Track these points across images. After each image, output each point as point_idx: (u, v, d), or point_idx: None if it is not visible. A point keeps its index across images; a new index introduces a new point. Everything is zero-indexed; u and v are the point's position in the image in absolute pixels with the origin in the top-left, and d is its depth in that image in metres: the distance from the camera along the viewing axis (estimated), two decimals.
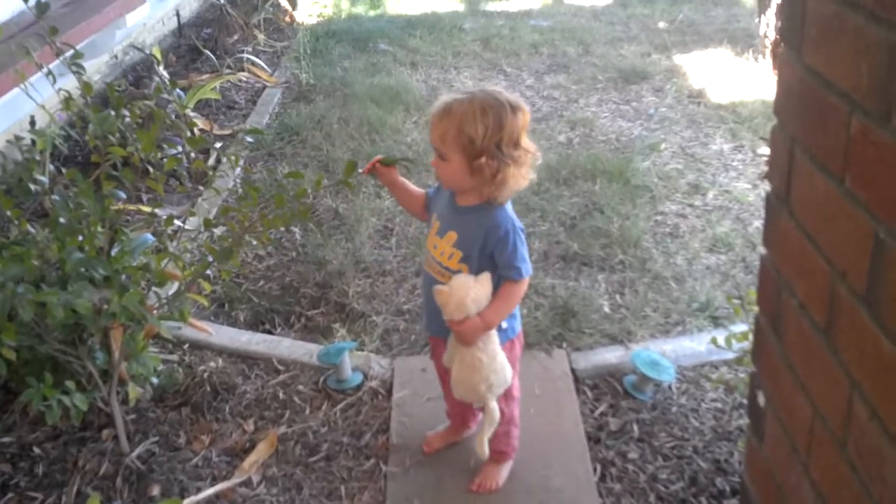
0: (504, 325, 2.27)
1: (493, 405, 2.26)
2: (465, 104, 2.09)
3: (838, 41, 1.21)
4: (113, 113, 2.49)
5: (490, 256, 2.17)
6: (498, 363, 2.23)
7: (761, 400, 1.62)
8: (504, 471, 2.54)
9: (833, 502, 1.33)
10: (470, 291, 2.14)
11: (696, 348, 3.03)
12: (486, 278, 2.16)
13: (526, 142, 2.13)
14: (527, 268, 2.17)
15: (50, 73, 2.66)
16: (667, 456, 2.62)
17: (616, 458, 2.61)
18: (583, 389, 2.90)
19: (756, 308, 1.63)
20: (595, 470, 2.56)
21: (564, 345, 3.11)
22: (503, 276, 2.19)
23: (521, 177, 2.15)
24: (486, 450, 2.31)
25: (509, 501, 2.46)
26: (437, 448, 2.64)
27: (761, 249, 1.58)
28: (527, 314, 3.24)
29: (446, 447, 2.65)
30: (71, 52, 2.56)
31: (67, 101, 2.62)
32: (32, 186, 2.66)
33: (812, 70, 1.30)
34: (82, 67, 2.58)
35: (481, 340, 2.20)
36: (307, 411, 2.86)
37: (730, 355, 2.63)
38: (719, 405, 2.82)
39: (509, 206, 2.21)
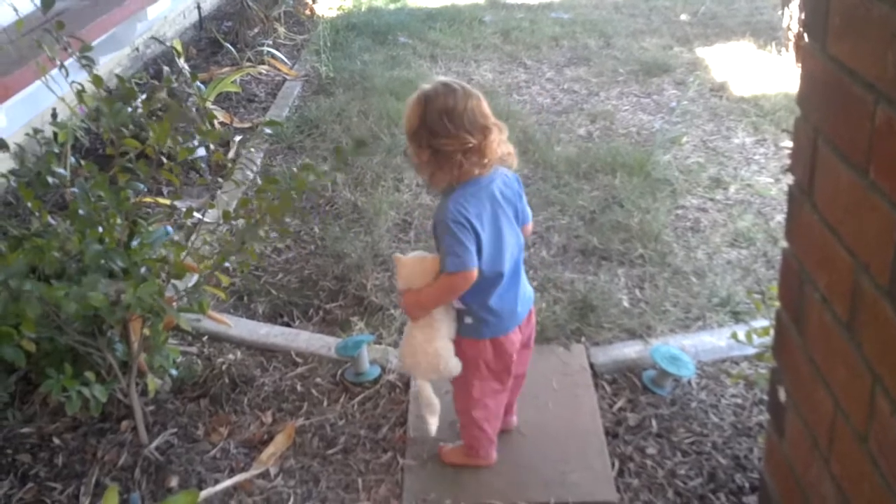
0: (468, 320, 2.28)
1: (424, 387, 2.37)
2: (412, 98, 2.19)
3: (863, 31, 1.19)
4: (126, 105, 2.49)
5: None
6: (433, 349, 2.27)
7: (782, 395, 1.60)
8: (460, 458, 2.55)
9: (854, 498, 1.31)
10: (417, 266, 2.24)
11: (717, 343, 3.01)
12: (435, 260, 2.23)
13: (469, 125, 2.12)
14: (454, 262, 2.13)
15: (63, 66, 2.67)
16: (685, 452, 2.60)
17: (634, 454, 2.60)
18: (601, 384, 2.88)
19: (777, 303, 1.61)
20: (613, 465, 2.55)
21: (583, 339, 3.09)
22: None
23: (472, 163, 2.15)
24: (431, 427, 2.43)
25: (527, 495, 2.45)
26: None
27: (783, 243, 1.56)
28: (545, 308, 3.23)
29: None
30: (80, 45, 2.56)
31: (80, 93, 2.62)
32: (51, 179, 2.67)
33: (836, 60, 1.28)
34: (92, 60, 2.58)
35: (424, 320, 2.27)
36: (325, 404, 2.86)
37: (750, 351, 2.61)
38: (739, 401, 2.79)
39: (465, 199, 2.16)
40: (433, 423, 2.43)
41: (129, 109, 2.52)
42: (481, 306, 2.26)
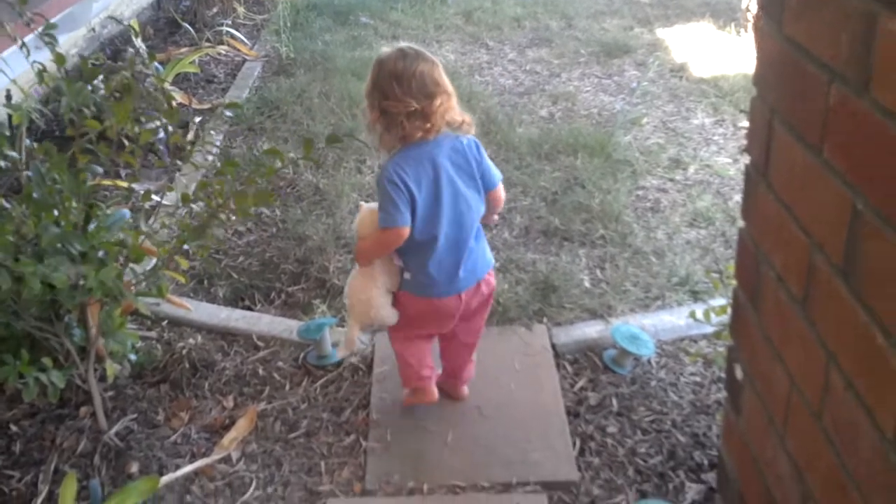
0: (407, 276, 2.39)
1: (353, 327, 2.53)
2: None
3: (819, 11, 1.20)
4: (88, 85, 2.45)
5: None
6: (366, 296, 2.42)
7: (739, 373, 1.62)
8: (406, 398, 2.71)
9: (809, 474, 1.33)
10: (368, 217, 2.36)
11: (676, 322, 3.04)
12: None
13: (411, 94, 2.19)
14: (384, 219, 2.24)
15: (24, 45, 2.62)
16: (646, 430, 2.62)
17: (595, 433, 2.62)
18: (563, 364, 2.90)
19: (735, 282, 1.63)
20: (574, 444, 2.57)
21: (545, 320, 3.11)
22: None
23: (414, 127, 2.21)
24: (340, 354, 2.86)
25: (489, 475, 2.47)
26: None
27: (741, 223, 1.57)
28: (507, 289, 3.24)
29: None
30: (43, 22, 2.51)
31: (41, 73, 2.57)
32: (2, 163, 2.62)
33: (792, 41, 1.29)
34: (55, 39, 2.53)
35: (366, 269, 2.41)
36: (287, 387, 2.84)
37: (709, 329, 2.64)
38: (698, 379, 2.83)
39: (406, 162, 2.24)
40: (340, 354, 2.83)
41: (90, 89, 2.47)
42: (419, 268, 2.35)
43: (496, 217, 2.55)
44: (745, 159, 1.50)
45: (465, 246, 2.34)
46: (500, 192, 2.43)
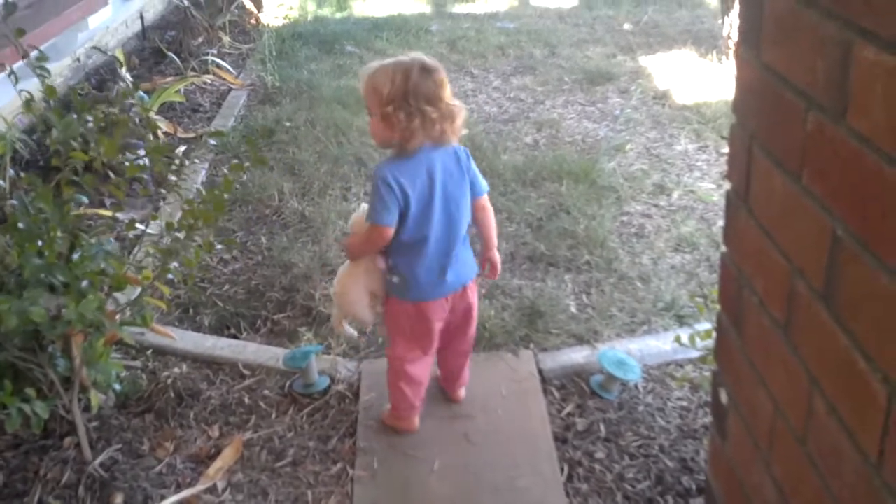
0: (395, 279, 2.47)
1: (335, 315, 2.72)
2: (383, 65, 2.35)
3: (794, 38, 1.22)
4: (76, 118, 2.46)
5: None
6: (351, 294, 2.55)
7: (724, 397, 1.63)
8: (387, 419, 2.73)
9: (794, 499, 1.34)
10: (361, 217, 2.47)
11: (662, 347, 3.05)
12: None
13: (441, 101, 2.32)
14: (371, 216, 2.35)
15: (13, 73, 2.62)
16: (633, 455, 2.62)
17: (583, 458, 2.61)
18: (550, 390, 2.90)
19: (719, 306, 1.64)
20: (562, 470, 2.56)
21: (531, 345, 3.11)
22: None
23: (443, 133, 2.33)
24: (344, 330, 2.78)
25: (477, 502, 2.46)
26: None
27: (723, 248, 1.58)
28: (494, 315, 3.24)
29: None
30: (35, 53, 2.52)
31: (28, 103, 2.58)
32: None
33: (769, 68, 1.31)
34: (47, 70, 2.54)
35: (352, 266, 2.54)
36: (273, 416, 2.83)
37: (694, 354, 2.65)
38: (685, 403, 2.83)
39: (405, 165, 2.34)
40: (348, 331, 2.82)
41: (77, 120, 2.48)
42: (408, 270, 2.43)
43: (497, 263, 2.66)
44: (728, 185, 1.52)
45: (454, 249, 2.43)
46: (487, 202, 2.55)
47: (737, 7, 5.51)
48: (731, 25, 5.76)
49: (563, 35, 7.04)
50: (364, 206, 2.50)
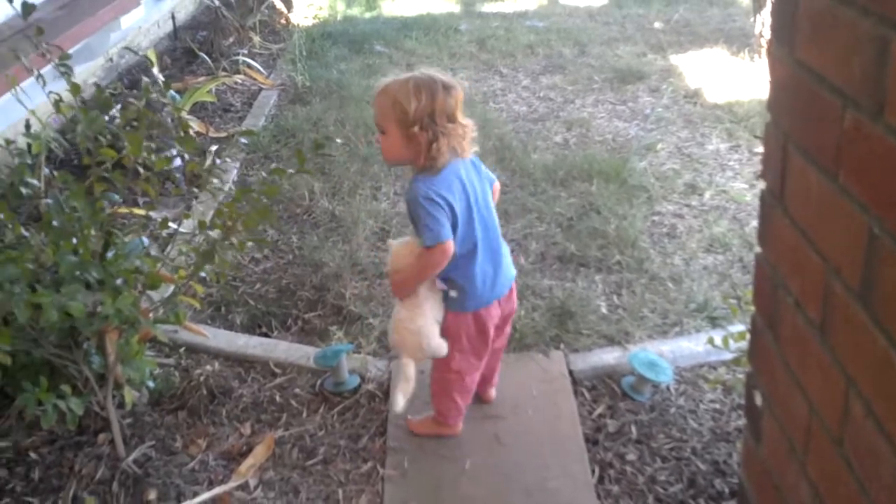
0: (452, 294, 2.43)
1: (406, 364, 2.48)
2: (400, 83, 2.32)
3: (830, 36, 1.20)
4: (101, 114, 2.48)
5: None
6: (415, 326, 2.42)
7: (758, 399, 1.61)
8: (429, 428, 2.70)
9: (830, 501, 1.32)
10: (403, 249, 2.42)
11: (694, 349, 3.03)
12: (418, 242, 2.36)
13: (460, 118, 2.33)
14: (430, 236, 2.28)
15: (40, 76, 2.65)
16: (665, 457, 2.61)
17: (614, 460, 2.60)
18: (580, 391, 2.89)
19: (753, 308, 1.62)
20: (593, 471, 2.56)
21: (562, 346, 3.10)
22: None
23: (459, 148, 2.34)
24: (398, 402, 2.48)
25: (507, 503, 2.45)
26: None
27: (757, 248, 1.57)
28: (524, 316, 3.23)
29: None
30: (59, 53, 2.55)
31: (58, 103, 2.61)
32: (24, 190, 2.65)
33: (804, 65, 1.29)
34: (70, 69, 2.56)
35: (409, 300, 2.43)
36: (304, 414, 2.85)
37: (727, 356, 2.62)
38: (717, 406, 2.81)
39: (437, 179, 2.32)
40: (401, 401, 2.50)
41: (106, 119, 2.50)
42: (465, 281, 2.40)
43: None
44: (761, 185, 1.50)
45: (499, 250, 2.47)
46: (497, 185, 2.56)
47: (769, 5, 5.46)
48: (764, 23, 5.70)
49: (593, 33, 7.00)
50: (395, 242, 2.50)
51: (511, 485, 2.51)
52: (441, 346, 2.46)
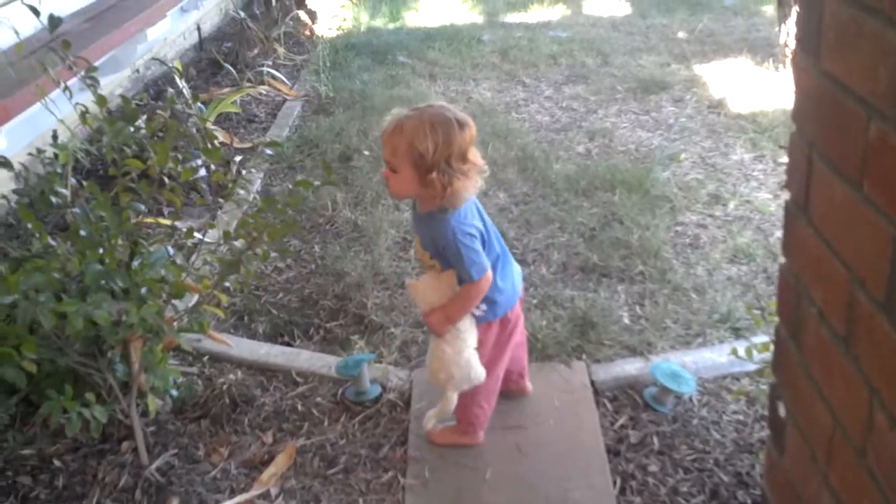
0: (479, 312, 2.44)
1: (451, 396, 2.48)
2: (414, 121, 2.23)
3: (856, 46, 1.20)
4: (130, 126, 2.50)
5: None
6: (463, 359, 2.41)
7: (782, 410, 1.60)
8: (453, 438, 2.69)
9: None
10: (433, 284, 2.40)
11: (717, 360, 3.01)
12: (450, 275, 2.37)
13: (473, 155, 2.29)
14: (477, 270, 2.31)
15: (66, 88, 2.68)
16: (688, 469, 2.59)
17: (636, 471, 2.59)
18: (602, 402, 2.88)
19: (777, 319, 1.62)
20: (615, 483, 2.54)
21: (584, 356, 3.09)
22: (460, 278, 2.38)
23: (472, 187, 2.31)
24: (429, 423, 2.57)
25: None
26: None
27: (782, 259, 1.56)
28: (546, 326, 3.23)
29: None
30: (85, 66, 2.58)
31: (84, 114, 2.64)
32: (53, 199, 2.68)
33: (829, 75, 1.29)
34: (97, 81, 2.59)
35: (449, 334, 2.41)
36: (326, 423, 2.85)
37: (751, 367, 2.61)
38: (741, 417, 2.79)
39: (461, 211, 2.32)
40: (433, 423, 2.57)
41: (132, 129, 2.53)
42: (493, 289, 2.42)
43: None
44: (786, 195, 1.50)
45: (510, 254, 2.52)
46: None
47: (794, 14, 5.44)
48: (788, 33, 5.68)
49: (616, 44, 7.00)
50: (414, 281, 2.50)
51: (532, 495, 2.51)
52: (482, 373, 2.46)
